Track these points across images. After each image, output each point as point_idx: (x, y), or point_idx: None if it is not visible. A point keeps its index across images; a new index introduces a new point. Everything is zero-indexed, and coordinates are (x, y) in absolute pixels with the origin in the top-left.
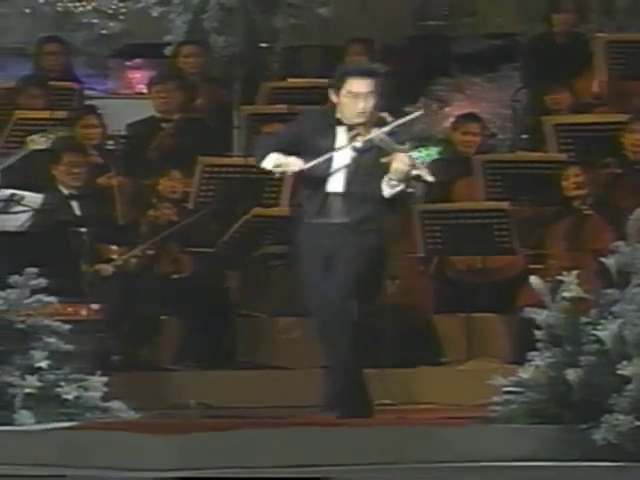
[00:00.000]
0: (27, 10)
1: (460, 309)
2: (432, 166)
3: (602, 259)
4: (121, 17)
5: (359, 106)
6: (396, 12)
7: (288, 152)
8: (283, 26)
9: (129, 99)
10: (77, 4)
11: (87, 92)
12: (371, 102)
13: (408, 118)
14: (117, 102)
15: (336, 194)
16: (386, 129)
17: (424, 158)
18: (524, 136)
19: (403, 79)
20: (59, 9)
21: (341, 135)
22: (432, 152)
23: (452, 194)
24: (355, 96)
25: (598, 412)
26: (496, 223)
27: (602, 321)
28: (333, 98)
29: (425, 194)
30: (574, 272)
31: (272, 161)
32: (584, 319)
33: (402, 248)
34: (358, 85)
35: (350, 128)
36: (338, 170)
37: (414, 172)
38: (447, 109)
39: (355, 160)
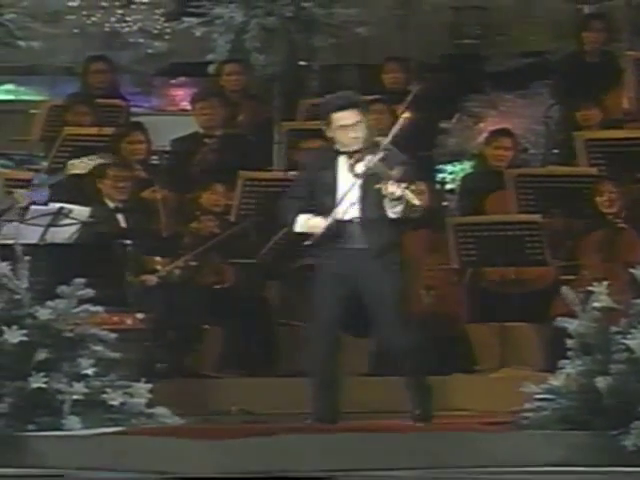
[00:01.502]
0: (76, 30)
1: (493, 318)
2: (463, 180)
3: (633, 270)
4: (166, 37)
5: (350, 135)
6: (432, 31)
7: (311, 200)
8: (322, 45)
9: (173, 116)
10: (124, 24)
11: (133, 109)
12: (361, 129)
13: (392, 133)
14: (162, 119)
15: (347, 221)
16: (378, 156)
17: (457, 173)
18: (555, 151)
19: (438, 96)
20: (106, 29)
21: (342, 164)
22: (466, 166)
23: (485, 207)
24: (344, 128)
25: (628, 418)
26: (528, 235)
27: (632, 330)
28: (328, 134)
29: (418, 216)
30: (604, 283)
31: (300, 225)
32: (614, 328)
33: (437, 260)
34: (344, 118)
35: (350, 156)
36: (345, 197)
37: (399, 194)
38: (481, 125)
39: (359, 186)
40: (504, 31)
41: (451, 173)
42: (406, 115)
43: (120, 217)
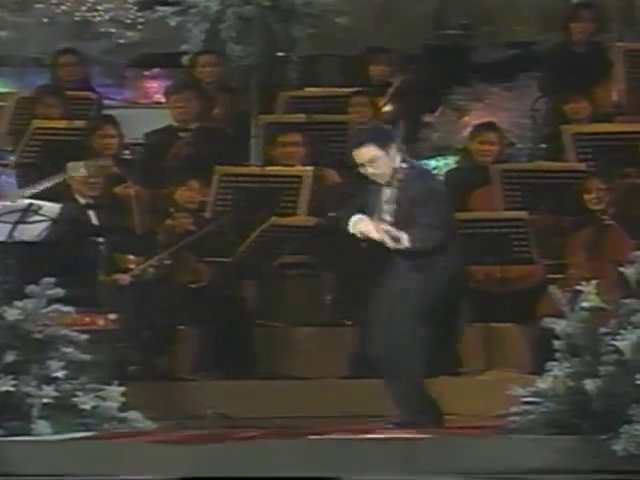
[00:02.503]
0: (45, 20)
1: (479, 319)
2: (447, 176)
3: (622, 269)
4: (139, 27)
5: (369, 172)
6: (415, 21)
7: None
8: (301, 35)
9: (146, 108)
10: (95, 13)
11: (104, 101)
12: (379, 165)
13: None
14: (134, 111)
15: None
16: (389, 190)
17: (441, 168)
18: (543, 145)
19: (422, 88)
20: (77, 19)
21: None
22: (450, 162)
23: (470, 203)
24: (362, 166)
25: (618, 422)
26: (514, 232)
27: (621, 331)
28: None
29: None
30: (593, 282)
31: (352, 225)
32: (603, 329)
33: None
34: (359, 156)
35: (385, 187)
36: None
37: (375, 237)
38: (465, 118)
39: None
40: (490, 21)
41: (435, 168)
42: (388, 109)
43: (91, 214)
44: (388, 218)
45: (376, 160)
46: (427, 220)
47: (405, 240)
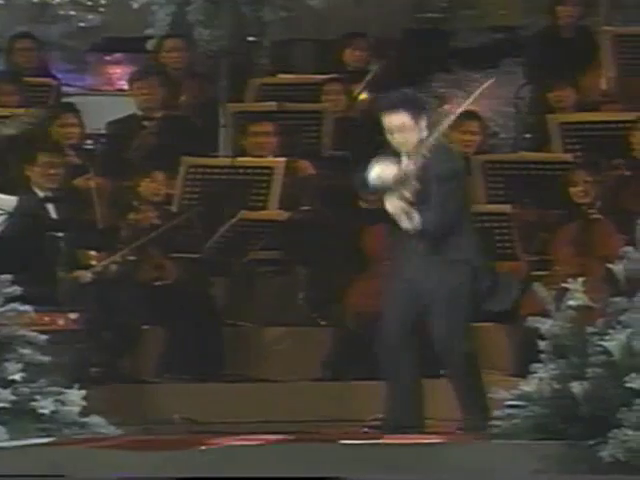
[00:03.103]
0: (0, 2)
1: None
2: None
3: (610, 265)
4: (100, 9)
5: (396, 139)
6: (392, 4)
7: None
8: (272, 19)
9: (109, 96)
10: None
11: (64, 88)
12: (410, 133)
13: (435, 135)
14: (96, 99)
15: (407, 228)
16: (412, 163)
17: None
18: (527, 135)
19: (399, 75)
20: (34, 1)
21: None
22: None
23: None
24: (389, 131)
25: (606, 427)
26: (497, 227)
27: (610, 331)
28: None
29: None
30: (580, 279)
31: (375, 176)
32: (591, 329)
33: None
34: (388, 120)
35: (408, 158)
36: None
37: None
38: (446, 106)
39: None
40: (471, 4)
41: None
42: (364, 96)
43: (51, 207)
44: (407, 194)
45: (406, 129)
46: (442, 201)
47: (416, 220)
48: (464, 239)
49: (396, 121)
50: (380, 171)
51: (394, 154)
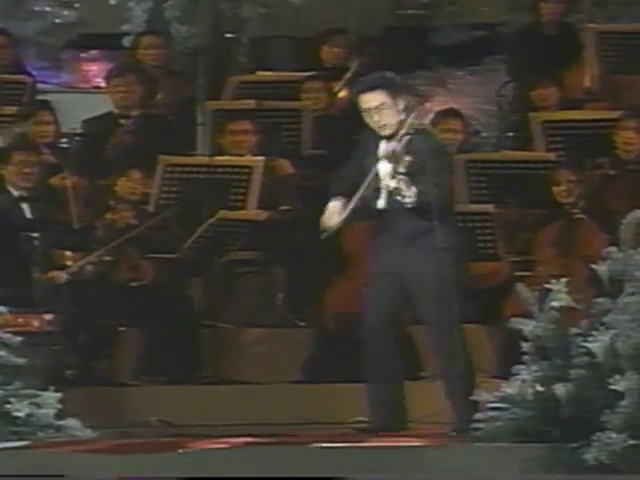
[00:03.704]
0: None
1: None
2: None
3: (593, 266)
4: (76, 5)
5: (375, 119)
6: (373, 0)
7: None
8: (251, 15)
9: (85, 93)
10: None
11: (39, 86)
12: (388, 114)
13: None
14: (72, 97)
15: (383, 210)
16: (399, 142)
17: None
18: (510, 134)
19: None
20: None
21: (382, 151)
22: None
23: None
24: (367, 112)
25: (589, 430)
26: (479, 227)
27: (593, 332)
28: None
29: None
30: (563, 280)
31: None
32: (574, 330)
33: None
34: (366, 100)
35: (387, 142)
36: (383, 186)
37: (393, 186)
38: (427, 104)
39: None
40: (453, 1)
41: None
42: (344, 94)
43: (25, 206)
44: (401, 170)
45: (384, 107)
46: (438, 173)
47: (413, 193)
48: (446, 226)
49: (374, 101)
50: (326, 217)
51: (377, 139)
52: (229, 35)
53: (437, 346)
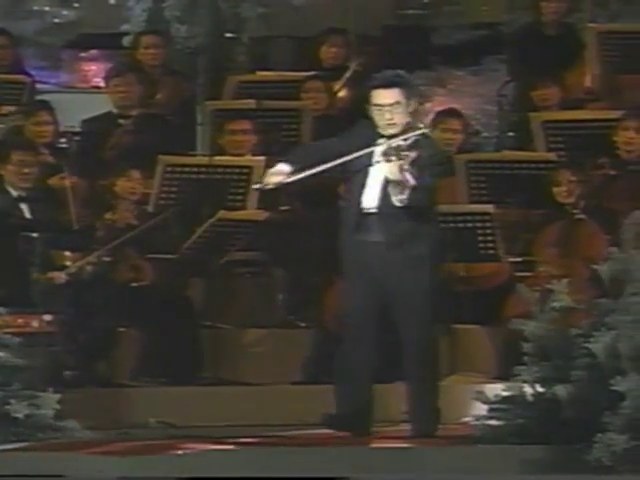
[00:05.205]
0: None
1: (441, 320)
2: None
3: (595, 266)
4: (75, 5)
5: (386, 117)
6: (373, 0)
7: (323, 160)
8: (251, 15)
9: (84, 93)
10: None
11: (38, 86)
12: (399, 113)
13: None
14: (71, 97)
15: (371, 211)
16: (405, 142)
17: None
18: (510, 134)
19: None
20: None
21: (379, 150)
22: None
23: None
24: (380, 108)
25: (590, 431)
26: (480, 228)
27: (594, 333)
28: (368, 113)
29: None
30: (564, 280)
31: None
32: (575, 331)
33: None
34: (381, 96)
35: (388, 140)
36: (373, 185)
37: (398, 178)
38: (427, 104)
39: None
40: (453, 0)
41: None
42: (344, 93)
43: (24, 207)
44: (405, 165)
45: (397, 106)
46: (432, 178)
47: (412, 184)
48: (427, 234)
49: (390, 98)
50: (271, 172)
51: (376, 135)
52: (229, 35)
53: (410, 350)
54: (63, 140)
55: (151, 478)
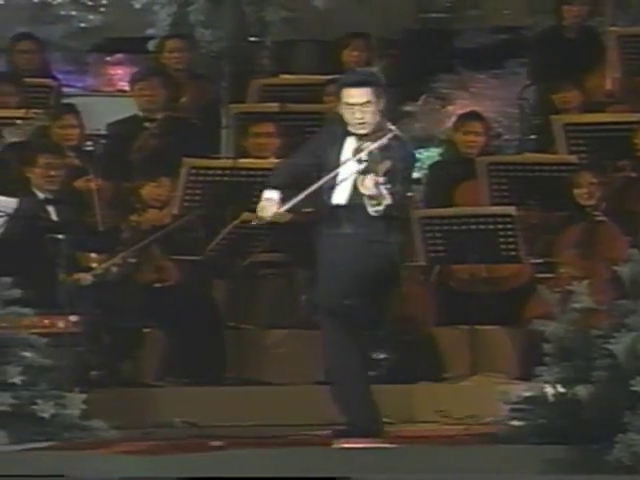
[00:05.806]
0: (1, 2)
1: (463, 321)
2: (430, 168)
3: (615, 268)
4: (101, 9)
5: (356, 116)
6: (396, 4)
7: (305, 173)
8: (274, 19)
9: (110, 97)
10: None
11: (65, 89)
12: (370, 112)
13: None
14: (97, 100)
15: (340, 206)
16: (378, 143)
17: (424, 160)
18: (532, 136)
19: (403, 76)
20: (35, 1)
21: (349, 147)
22: (433, 154)
23: (454, 198)
24: (351, 106)
25: (611, 431)
26: (501, 229)
27: (615, 334)
28: (339, 110)
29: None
30: (585, 282)
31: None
32: (596, 332)
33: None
34: (352, 95)
35: (358, 139)
36: (343, 182)
37: (373, 193)
38: (449, 107)
39: (357, 173)
40: (476, 4)
41: (416, 161)
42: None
43: (51, 209)
44: (382, 178)
45: (368, 105)
46: (401, 186)
47: (387, 201)
48: (397, 234)
49: (361, 97)
50: (261, 207)
51: (344, 134)
52: (252, 38)
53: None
54: (89, 143)
55: (155, 478)
